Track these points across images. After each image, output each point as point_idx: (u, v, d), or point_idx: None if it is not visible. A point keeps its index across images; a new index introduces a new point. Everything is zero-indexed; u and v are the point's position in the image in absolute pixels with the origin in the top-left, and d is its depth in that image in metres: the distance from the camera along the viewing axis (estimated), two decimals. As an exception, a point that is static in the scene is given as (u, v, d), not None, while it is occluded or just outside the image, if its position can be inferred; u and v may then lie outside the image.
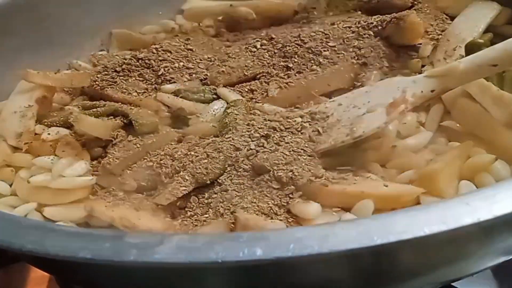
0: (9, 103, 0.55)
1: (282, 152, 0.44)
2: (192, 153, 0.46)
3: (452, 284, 0.43)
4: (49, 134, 0.51)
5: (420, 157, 0.44)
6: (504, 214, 0.29)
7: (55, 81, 0.57)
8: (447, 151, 0.44)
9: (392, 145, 0.45)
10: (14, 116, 0.54)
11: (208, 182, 0.44)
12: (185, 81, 0.57)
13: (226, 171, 0.45)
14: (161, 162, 0.46)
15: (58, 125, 0.52)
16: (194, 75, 0.58)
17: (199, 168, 0.44)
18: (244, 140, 0.47)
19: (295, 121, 0.48)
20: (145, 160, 0.47)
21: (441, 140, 0.46)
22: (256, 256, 0.28)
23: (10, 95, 0.56)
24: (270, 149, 0.45)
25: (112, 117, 0.53)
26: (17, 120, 0.53)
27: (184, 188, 0.43)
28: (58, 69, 0.63)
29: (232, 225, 0.40)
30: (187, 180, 0.44)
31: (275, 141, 0.46)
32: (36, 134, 0.52)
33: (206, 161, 0.45)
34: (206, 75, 0.58)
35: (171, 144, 0.49)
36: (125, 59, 0.59)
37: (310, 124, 0.48)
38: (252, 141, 0.47)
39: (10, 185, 0.49)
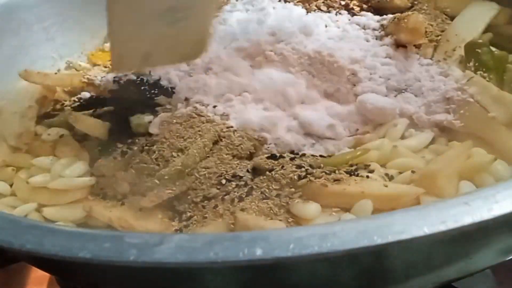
0: (9, 103, 0.55)
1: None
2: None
3: (452, 284, 0.43)
4: (49, 134, 0.51)
5: (420, 157, 0.44)
6: (503, 214, 0.29)
7: (55, 81, 0.57)
8: (447, 151, 0.44)
9: (393, 145, 0.45)
10: (14, 117, 0.54)
11: (200, 185, 0.43)
12: None
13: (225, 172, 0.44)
14: (156, 163, 0.45)
15: (58, 125, 0.52)
16: None
17: None
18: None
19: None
20: (139, 162, 0.46)
21: (441, 140, 0.46)
22: (255, 256, 0.28)
23: (10, 96, 0.56)
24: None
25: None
26: (17, 120, 0.53)
27: (170, 191, 0.42)
28: (58, 69, 0.63)
29: (232, 225, 0.39)
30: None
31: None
32: (36, 134, 0.53)
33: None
34: None
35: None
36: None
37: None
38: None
39: (11, 186, 0.49)
